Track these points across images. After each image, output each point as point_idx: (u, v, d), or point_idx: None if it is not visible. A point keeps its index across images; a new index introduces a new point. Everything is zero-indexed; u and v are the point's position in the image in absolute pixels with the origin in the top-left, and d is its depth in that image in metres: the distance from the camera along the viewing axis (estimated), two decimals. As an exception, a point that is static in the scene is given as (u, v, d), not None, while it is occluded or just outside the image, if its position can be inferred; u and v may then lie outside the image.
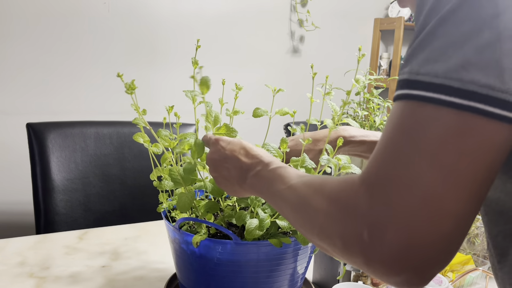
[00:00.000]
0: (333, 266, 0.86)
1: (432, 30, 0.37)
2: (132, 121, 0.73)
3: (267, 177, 0.56)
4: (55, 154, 1.31)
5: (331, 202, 0.42)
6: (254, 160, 0.60)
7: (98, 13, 2.01)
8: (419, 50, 0.38)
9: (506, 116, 0.34)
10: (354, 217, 0.39)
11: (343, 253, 0.41)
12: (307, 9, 2.49)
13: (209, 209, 0.72)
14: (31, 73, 1.94)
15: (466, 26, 0.35)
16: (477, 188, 0.36)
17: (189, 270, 0.73)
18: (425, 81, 0.36)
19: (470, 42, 0.35)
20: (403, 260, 0.36)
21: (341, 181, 0.42)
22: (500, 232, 0.47)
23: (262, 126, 2.00)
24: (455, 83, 0.35)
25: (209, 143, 0.67)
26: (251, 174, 0.59)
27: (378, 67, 2.83)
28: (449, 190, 0.35)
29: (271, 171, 0.56)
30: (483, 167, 0.36)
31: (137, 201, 1.42)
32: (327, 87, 0.83)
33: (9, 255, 0.99)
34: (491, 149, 0.35)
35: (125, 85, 0.66)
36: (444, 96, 0.35)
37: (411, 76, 0.38)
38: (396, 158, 0.37)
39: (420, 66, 0.37)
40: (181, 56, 2.23)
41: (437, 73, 0.36)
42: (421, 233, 0.35)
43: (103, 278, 0.91)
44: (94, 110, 2.08)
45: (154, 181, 0.77)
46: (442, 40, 0.36)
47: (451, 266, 0.93)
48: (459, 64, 0.35)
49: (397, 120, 0.38)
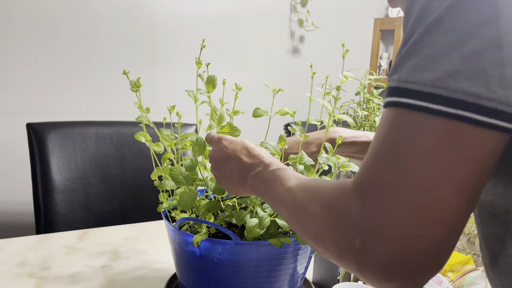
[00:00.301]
0: (333, 266, 0.86)
1: (420, 38, 0.38)
2: (136, 119, 0.73)
3: (267, 178, 0.57)
4: (55, 154, 1.31)
5: (325, 209, 0.42)
6: (255, 161, 0.60)
7: (98, 13, 2.01)
8: (407, 58, 0.38)
9: (494, 124, 0.35)
10: (347, 225, 0.39)
11: (337, 259, 0.41)
12: (307, 9, 2.49)
13: (210, 208, 0.72)
14: (31, 73, 1.93)
15: (453, 35, 0.36)
16: (467, 195, 0.36)
17: (189, 270, 0.73)
18: (414, 89, 0.37)
19: (457, 51, 0.35)
20: (395, 268, 0.36)
21: (335, 188, 0.43)
22: (492, 234, 0.47)
23: (262, 126, 1.99)
24: (442, 91, 0.35)
25: (212, 141, 0.67)
26: (251, 174, 0.60)
27: (378, 67, 2.83)
28: (438, 199, 0.36)
29: (271, 173, 0.57)
30: (472, 175, 0.36)
31: (137, 201, 1.42)
32: (327, 87, 0.83)
33: (9, 255, 1.00)
34: (480, 156, 0.36)
35: (130, 82, 0.66)
36: (432, 104, 0.36)
37: (399, 84, 0.38)
38: (385, 167, 0.38)
39: (409, 74, 0.37)
40: (181, 56, 2.23)
41: (425, 81, 0.36)
42: (412, 241, 0.36)
43: (103, 278, 0.91)
44: (94, 110, 2.08)
45: (155, 180, 0.77)
46: (429, 49, 0.37)
47: (451, 266, 0.93)
48: (446, 72, 0.35)
49: (386, 128, 0.39)
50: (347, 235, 0.39)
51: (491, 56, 0.35)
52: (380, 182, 0.38)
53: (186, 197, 0.68)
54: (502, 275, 0.47)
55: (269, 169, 0.58)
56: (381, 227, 0.36)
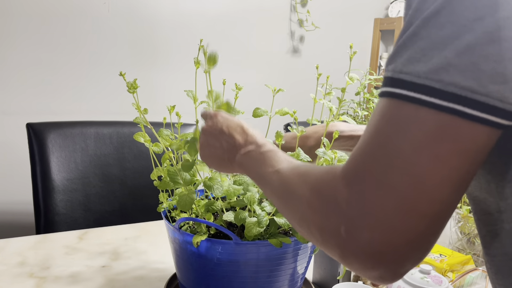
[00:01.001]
0: (333, 266, 0.86)
1: (416, 30, 0.38)
2: (133, 120, 0.73)
3: (257, 158, 0.57)
4: (55, 154, 1.31)
5: (313, 193, 0.43)
6: (248, 139, 0.60)
7: (98, 13, 2.01)
8: (403, 49, 0.38)
9: (485, 118, 0.35)
10: (332, 212, 0.40)
11: (321, 244, 0.42)
12: (307, 9, 2.49)
13: (210, 208, 0.72)
14: (31, 73, 1.93)
15: (448, 28, 0.36)
16: (453, 189, 0.36)
17: (189, 270, 0.73)
18: (407, 80, 0.37)
19: (451, 44, 0.36)
20: (377, 257, 0.37)
21: (324, 172, 0.43)
22: (488, 232, 0.47)
23: (262, 126, 1.99)
24: (436, 84, 0.35)
25: (208, 117, 0.67)
26: (242, 152, 0.60)
27: (378, 67, 2.83)
28: (424, 192, 0.36)
29: (263, 153, 0.57)
30: (460, 169, 0.36)
31: (137, 201, 1.42)
32: (327, 87, 0.83)
33: (9, 255, 0.99)
34: (470, 151, 0.36)
35: (127, 84, 0.66)
36: (425, 96, 0.36)
37: (394, 74, 0.38)
38: (374, 157, 0.38)
39: (403, 65, 0.38)
40: (181, 56, 2.23)
41: (419, 73, 0.36)
42: (395, 233, 0.36)
43: (103, 278, 0.91)
44: (94, 110, 2.08)
45: (155, 180, 0.77)
46: (425, 41, 0.37)
47: (451, 266, 0.93)
48: (440, 65, 0.36)
49: (378, 118, 0.39)
50: (332, 222, 0.39)
51: (484, 51, 0.35)
52: (368, 173, 0.38)
53: (185, 198, 0.68)
54: (498, 274, 0.47)
55: (261, 150, 0.58)
56: (366, 218, 0.37)
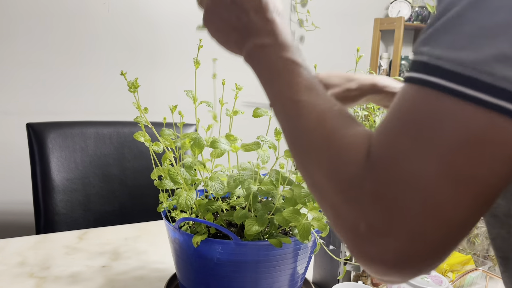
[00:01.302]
0: (333, 266, 0.86)
1: (462, 12, 0.32)
2: (134, 119, 0.73)
3: (273, 63, 0.46)
4: (55, 154, 1.31)
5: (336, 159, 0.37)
6: (266, 27, 0.48)
7: (98, 13, 2.01)
8: (442, 32, 0.33)
9: None
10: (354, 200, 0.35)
11: (333, 223, 0.37)
12: (307, 9, 2.49)
13: (210, 208, 0.72)
14: (31, 73, 1.94)
15: (503, 14, 0.31)
16: (486, 198, 0.32)
17: (189, 270, 0.73)
18: (448, 69, 0.31)
19: (505, 33, 0.30)
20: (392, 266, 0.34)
21: (352, 143, 0.37)
22: (497, 235, 0.46)
23: (262, 126, 1.99)
24: (485, 77, 0.30)
25: None
26: (255, 42, 0.48)
27: (378, 67, 2.83)
28: (455, 199, 0.31)
29: (282, 60, 0.46)
30: (498, 176, 0.31)
31: (137, 201, 1.42)
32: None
33: (9, 255, 0.99)
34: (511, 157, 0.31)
35: (128, 83, 0.66)
36: (470, 90, 0.30)
37: (430, 59, 0.32)
38: (405, 158, 0.33)
39: (443, 50, 0.32)
40: (181, 56, 2.23)
41: (464, 61, 0.31)
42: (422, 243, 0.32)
43: (103, 278, 0.91)
44: (94, 110, 2.08)
45: (155, 180, 0.77)
46: (473, 26, 0.31)
47: (451, 266, 0.93)
48: (492, 56, 0.30)
49: (409, 107, 0.33)
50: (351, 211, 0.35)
51: None
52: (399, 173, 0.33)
53: (185, 198, 0.68)
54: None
55: (280, 53, 0.46)
56: (393, 224, 0.32)
